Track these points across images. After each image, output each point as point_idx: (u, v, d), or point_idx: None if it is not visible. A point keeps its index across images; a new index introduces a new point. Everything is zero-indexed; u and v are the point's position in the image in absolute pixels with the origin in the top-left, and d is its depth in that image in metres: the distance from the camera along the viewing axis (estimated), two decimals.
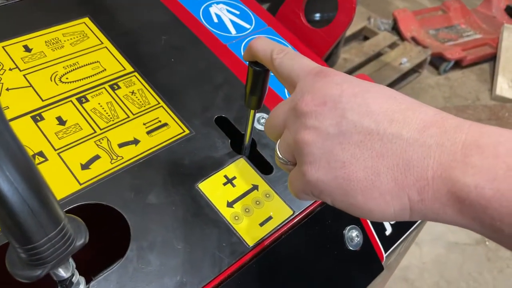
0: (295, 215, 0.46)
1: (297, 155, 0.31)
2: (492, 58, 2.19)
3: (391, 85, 1.91)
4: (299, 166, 0.31)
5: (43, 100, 0.48)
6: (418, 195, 0.26)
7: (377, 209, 0.28)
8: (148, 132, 0.48)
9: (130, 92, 0.51)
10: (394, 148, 0.27)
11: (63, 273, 0.31)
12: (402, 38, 2.17)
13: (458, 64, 2.14)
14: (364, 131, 0.28)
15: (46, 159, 0.44)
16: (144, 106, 0.50)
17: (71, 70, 0.51)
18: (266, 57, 0.35)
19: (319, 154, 0.29)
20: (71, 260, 0.32)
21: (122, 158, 0.45)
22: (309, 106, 0.30)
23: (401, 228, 0.55)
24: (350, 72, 1.90)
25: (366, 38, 2.17)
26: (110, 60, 0.54)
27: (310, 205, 0.47)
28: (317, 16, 1.46)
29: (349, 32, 2.07)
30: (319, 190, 0.30)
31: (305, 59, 0.34)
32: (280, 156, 0.33)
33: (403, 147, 0.27)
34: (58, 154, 0.44)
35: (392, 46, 2.10)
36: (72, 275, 0.32)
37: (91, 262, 0.42)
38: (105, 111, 0.49)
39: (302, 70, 0.33)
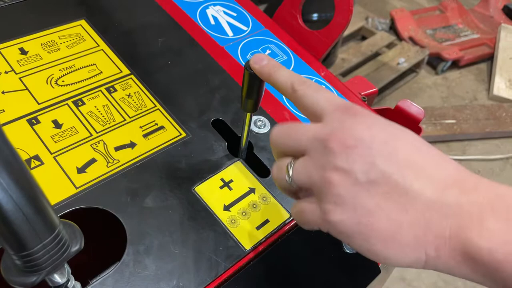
0: (292, 218, 0.46)
1: (320, 192, 0.31)
2: (490, 58, 2.19)
3: (389, 85, 1.91)
4: (320, 203, 0.31)
5: (39, 103, 0.48)
6: (435, 252, 0.28)
7: (394, 258, 0.30)
8: (145, 135, 0.48)
9: (126, 95, 0.51)
10: (418, 205, 0.28)
11: (58, 279, 0.31)
12: (399, 38, 2.17)
13: (455, 64, 2.14)
14: (392, 183, 0.29)
15: (42, 163, 0.43)
16: (141, 109, 0.50)
17: (67, 73, 0.51)
18: (286, 88, 0.35)
19: (346, 197, 0.30)
20: (66, 265, 0.32)
21: (119, 161, 0.45)
22: (339, 145, 0.30)
23: None
24: (348, 72, 1.90)
25: (364, 38, 2.16)
26: (107, 63, 0.53)
27: None
28: (315, 17, 1.46)
29: (347, 32, 2.07)
30: (338, 231, 0.31)
31: (330, 93, 0.34)
32: (293, 181, 0.33)
33: (426, 205, 0.28)
34: (54, 157, 0.44)
35: (390, 46, 2.10)
36: (68, 280, 0.32)
37: (87, 267, 0.42)
38: (101, 114, 0.48)
39: (329, 103, 0.33)
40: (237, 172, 0.48)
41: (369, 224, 0.29)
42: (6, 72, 0.49)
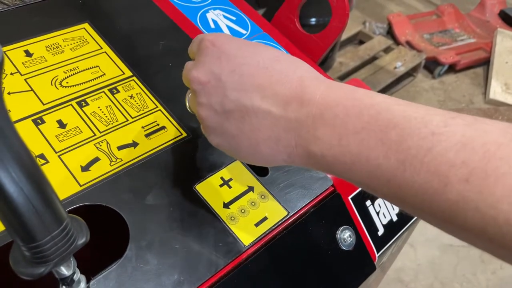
0: (289, 215, 0.47)
1: (199, 121, 0.39)
2: (486, 62, 2.22)
3: (386, 88, 1.93)
4: (203, 129, 0.40)
5: (44, 104, 0.49)
6: (288, 157, 0.35)
7: (263, 163, 0.38)
8: (147, 135, 0.49)
9: (129, 96, 0.52)
10: (267, 123, 0.34)
11: (65, 271, 0.32)
12: (396, 42, 2.19)
13: (452, 68, 2.16)
14: (243, 108, 0.34)
15: (47, 161, 0.45)
16: (143, 110, 0.51)
17: (71, 75, 0.52)
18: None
19: (214, 127, 0.37)
20: (72, 258, 0.33)
21: (121, 160, 0.47)
22: (197, 84, 0.37)
23: (393, 228, 0.56)
24: (346, 75, 1.92)
25: (361, 42, 2.19)
26: (109, 65, 0.55)
27: (304, 206, 0.49)
28: (312, 21, 1.47)
29: (344, 36, 2.09)
30: (220, 149, 0.39)
31: (201, 34, 0.40)
32: (190, 110, 0.42)
33: (273, 122, 0.34)
34: (59, 156, 0.45)
35: (387, 50, 2.12)
36: (74, 273, 0.34)
37: (91, 262, 0.43)
38: (104, 114, 0.50)
39: (195, 43, 0.40)
40: (236, 171, 0.49)
41: (236, 144, 0.36)
42: (12, 74, 0.51)
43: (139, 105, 0.52)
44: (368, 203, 0.54)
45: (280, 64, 0.35)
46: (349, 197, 0.52)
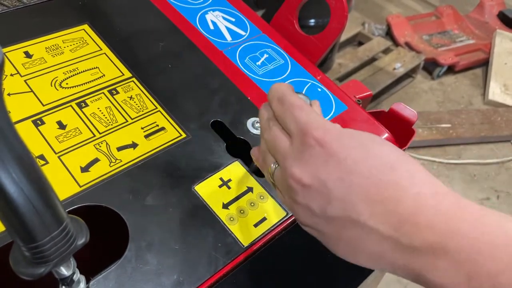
0: (288, 216, 0.47)
1: (289, 210, 0.37)
2: (485, 63, 2.22)
3: (385, 89, 1.94)
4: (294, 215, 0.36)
5: (43, 105, 0.49)
6: (391, 269, 0.31)
7: (360, 264, 0.33)
8: (146, 136, 0.50)
9: (128, 97, 0.53)
10: (372, 240, 0.31)
11: (64, 271, 0.33)
12: (396, 43, 2.20)
13: (451, 69, 2.17)
14: (347, 219, 0.31)
15: (47, 162, 0.45)
16: (142, 111, 0.52)
17: (71, 76, 0.53)
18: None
19: (309, 224, 0.34)
20: (72, 259, 0.33)
21: (121, 161, 0.47)
22: (297, 183, 0.33)
23: None
24: (345, 77, 1.92)
25: (360, 44, 2.19)
26: (109, 66, 0.55)
27: None
28: (311, 22, 1.48)
29: (343, 37, 2.10)
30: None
31: (303, 111, 0.34)
32: (274, 182, 0.37)
33: (379, 240, 0.30)
34: (59, 157, 0.46)
35: (386, 51, 2.12)
36: (73, 273, 0.34)
37: (91, 262, 0.43)
38: (104, 115, 0.50)
39: (296, 124, 0.34)
40: (235, 172, 0.49)
41: (331, 245, 0.34)
42: (11, 75, 0.51)
43: (138, 106, 0.52)
44: None
45: (395, 174, 0.30)
46: None
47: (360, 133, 0.33)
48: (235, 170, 0.49)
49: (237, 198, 0.47)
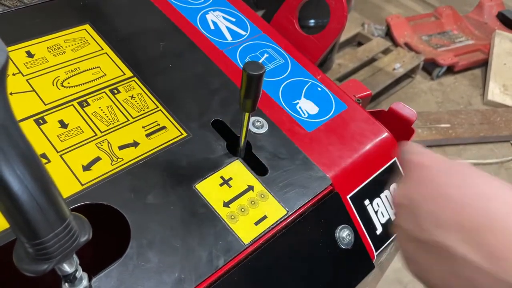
0: (288, 214, 0.48)
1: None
2: (484, 64, 2.23)
3: (385, 90, 1.94)
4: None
5: (45, 104, 0.49)
6: None
7: None
8: (147, 135, 0.50)
9: (129, 96, 0.53)
10: (466, 272, 0.29)
11: (67, 268, 0.33)
12: (395, 43, 2.20)
13: (450, 70, 2.17)
14: (438, 246, 0.30)
15: (49, 161, 0.45)
16: (143, 110, 0.52)
17: (73, 75, 0.53)
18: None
19: (406, 251, 0.34)
20: (75, 256, 0.34)
21: (122, 159, 0.47)
22: (394, 203, 0.35)
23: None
24: (345, 77, 1.93)
25: (360, 44, 2.19)
26: (110, 66, 0.55)
27: (304, 205, 0.49)
28: (311, 22, 1.48)
29: (343, 38, 2.10)
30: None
31: (418, 151, 0.36)
32: None
33: (474, 273, 0.29)
34: (61, 156, 0.46)
35: (386, 51, 2.13)
36: (76, 270, 0.34)
37: (93, 260, 0.43)
38: (105, 114, 0.50)
39: (405, 159, 0.36)
40: (236, 170, 0.49)
41: (427, 280, 0.32)
42: (13, 74, 0.51)
43: (139, 105, 0.52)
44: (366, 202, 0.54)
45: (491, 203, 0.29)
46: (348, 196, 0.53)
47: (458, 162, 0.34)
48: (235, 168, 0.50)
49: (237, 197, 0.47)
